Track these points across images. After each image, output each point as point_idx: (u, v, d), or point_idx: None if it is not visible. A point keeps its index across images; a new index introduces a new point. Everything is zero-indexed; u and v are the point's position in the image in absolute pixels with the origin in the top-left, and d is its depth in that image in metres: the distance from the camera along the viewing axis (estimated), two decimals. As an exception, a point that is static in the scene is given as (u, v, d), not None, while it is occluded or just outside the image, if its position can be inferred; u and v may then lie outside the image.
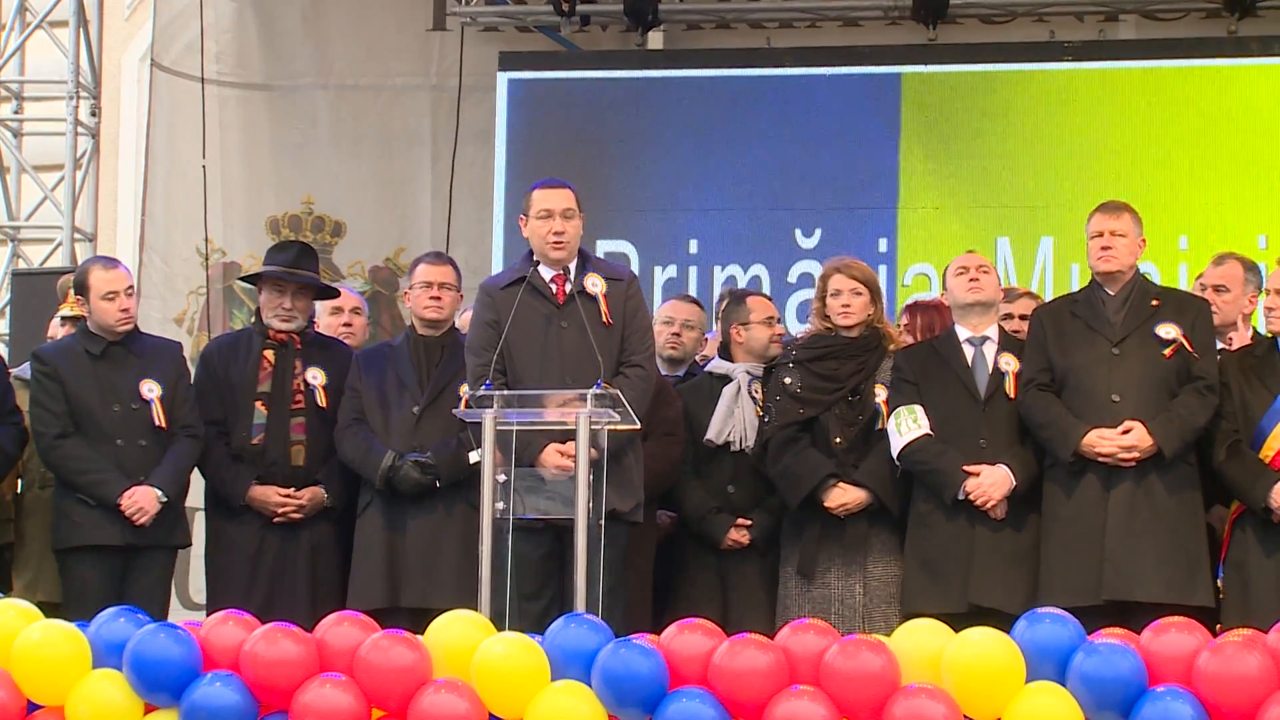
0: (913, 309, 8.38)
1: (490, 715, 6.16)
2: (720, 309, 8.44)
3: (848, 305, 7.70)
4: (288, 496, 7.94)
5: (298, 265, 8.14)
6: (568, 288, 7.33)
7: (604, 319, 7.29)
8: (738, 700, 6.04)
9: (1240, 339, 7.84)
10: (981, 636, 6.08)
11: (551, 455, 7.10)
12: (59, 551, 7.83)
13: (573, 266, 7.39)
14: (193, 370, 8.25)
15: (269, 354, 8.06)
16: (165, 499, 7.75)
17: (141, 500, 7.71)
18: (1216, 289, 7.86)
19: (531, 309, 7.30)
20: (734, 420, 7.88)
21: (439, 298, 7.96)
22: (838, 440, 7.62)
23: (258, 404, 8.01)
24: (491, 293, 7.44)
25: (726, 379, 7.96)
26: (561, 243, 7.35)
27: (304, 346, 8.10)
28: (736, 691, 6.04)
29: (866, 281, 7.76)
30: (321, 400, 7.99)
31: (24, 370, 8.29)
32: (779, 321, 8.12)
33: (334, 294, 8.68)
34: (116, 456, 7.79)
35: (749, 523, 7.81)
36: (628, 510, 7.18)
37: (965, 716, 6.01)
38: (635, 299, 7.45)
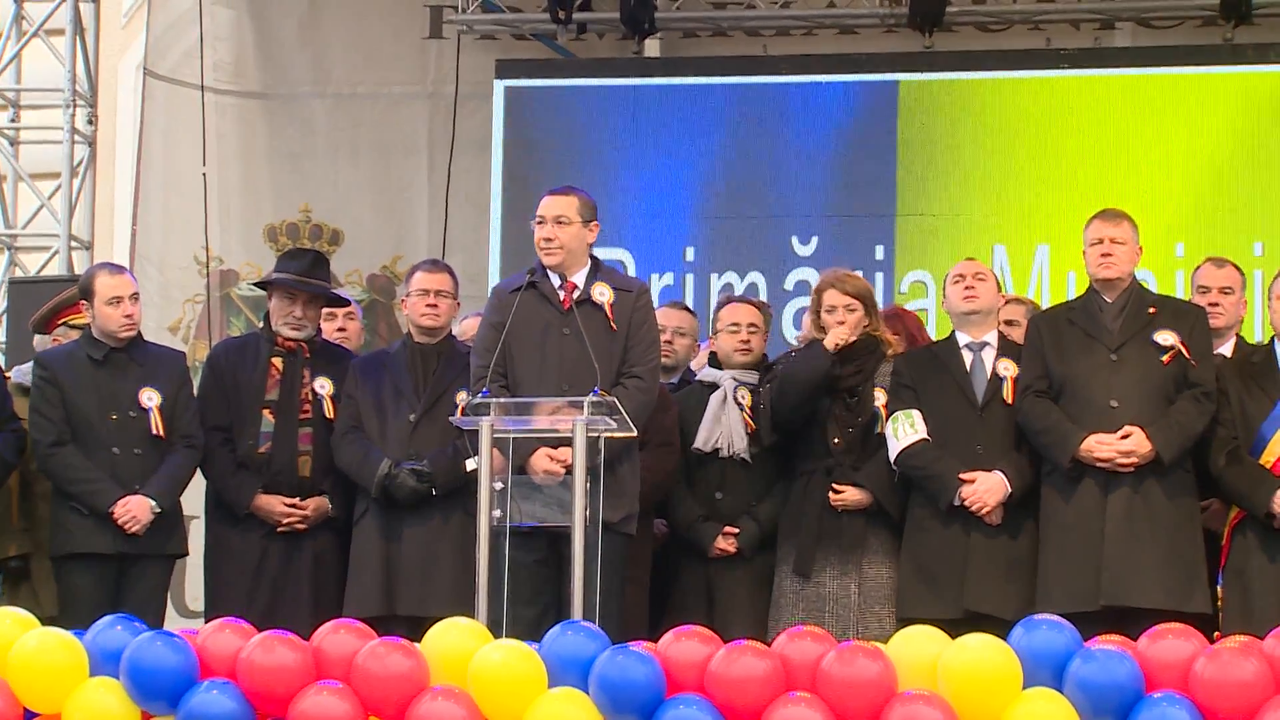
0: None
1: (487, 723, 6.19)
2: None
3: (842, 322, 7.70)
4: (293, 506, 7.93)
5: (311, 274, 8.13)
6: (575, 295, 7.34)
7: (610, 325, 7.30)
8: (734, 707, 6.03)
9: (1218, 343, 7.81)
10: (978, 643, 6.08)
11: (541, 459, 7.11)
12: (55, 559, 7.82)
13: (584, 274, 7.40)
14: (195, 378, 8.24)
15: (277, 362, 8.04)
16: (159, 509, 7.73)
17: (135, 509, 7.69)
18: (1224, 290, 7.85)
19: (534, 313, 7.31)
20: (721, 427, 7.88)
21: (435, 305, 7.94)
22: (836, 441, 7.63)
23: (265, 412, 7.99)
24: (500, 295, 7.47)
25: (715, 387, 7.97)
26: (550, 249, 7.35)
27: (312, 355, 8.08)
28: (733, 698, 6.03)
29: (860, 295, 7.76)
30: (329, 411, 7.96)
31: (19, 375, 8.29)
32: (751, 328, 8.06)
33: (344, 303, 8.68)
34: (111, 464, 7.77)
35: (736, 531, 7.81)
36: (618, 521, 7.16)
37: (962, 723, 6.04)
38: (643, 311, 7.45)
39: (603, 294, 7.35)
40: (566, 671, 6.17)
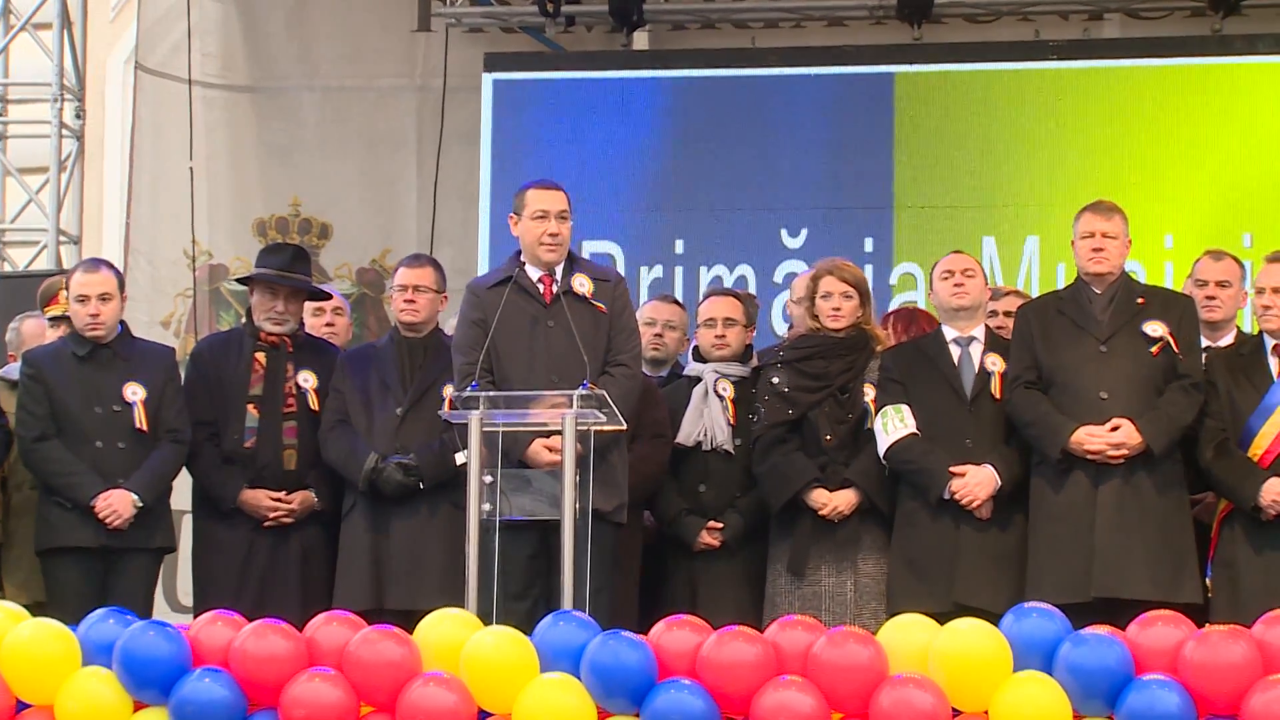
0: (894, 317, 8.38)
1: (479, 709, 6.17)
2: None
3: (838, 308, 7.70)
4: (279, 500, 7.93)
5: (291, 269, 8.13)
6: (555, 288, 7.34)
7: (597, 310, 7.31)
8: (726, 692, 6.05)
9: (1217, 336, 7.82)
10: (968, 627, 6.12)
11: (540, 450, 7.12)
12: (40, 553, 7.82)
13: (560, 267, 7.40)
14: (183, 372, 8.24)
15: (260, 356, 8.05)
16: (141, 503, 7.72)
17: (116, 504, 7.68)
18: (1221, 284, 7.83)
19: (518, 309, 7.31)
20: (703, 421, 7.88)
21: (413, 300, 7.95)
22: (828, 438, 7.63)
23: (250, 407, 7.99)
24: (478, 292, 7.45)
25: (699, 380, 7.97)
26: (555, 245, 7.36)
27: (295, 349, 8.09)
28: (725, 683, 6.05)
29: (856, 284, 7.76)
30: (313, 403, 7.97)
31: (10, 372, 8.31)
32: (727, 322, 8.03)
33: (326, 297, 8.68)
34: (95, 459, 7.76)
35: (720, 525, 7.81)
36: (610, 510, 7.18)
37: (953, 708, 6.03)
38: (622, 300, 7.47)
39: (583, 285, 7.36)
40: (559, 660, 6.19)
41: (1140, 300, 7.40)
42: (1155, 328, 7.30)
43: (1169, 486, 7.25)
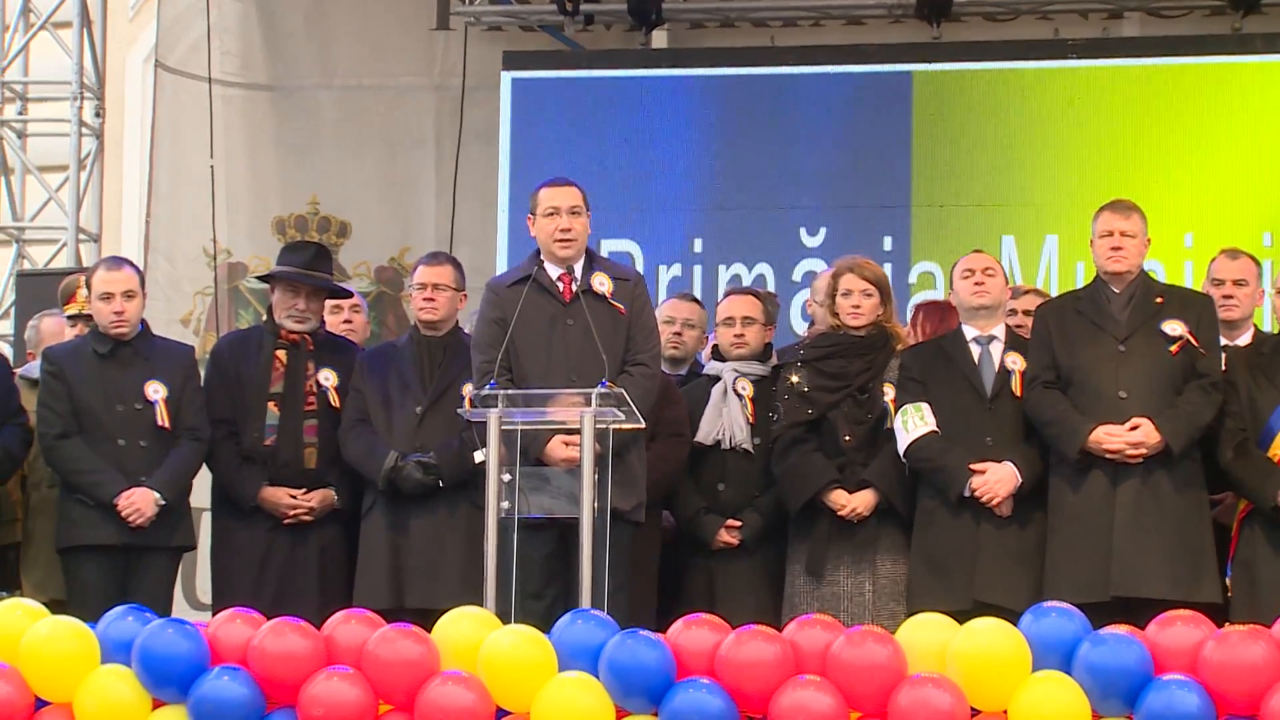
0: (923, 312, 8.38)
1: (497, 708, 6.17)
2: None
3: (858, 306, 7.70)
4: (298, 498, 7.94)
5: (313, 267, 8.15)
6: (574, 286, 7.35)
7: (616, 310, 7.31)
8: (745, 691, 6.05)
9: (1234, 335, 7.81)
10: (987, 626, 6.11)
11: (558, 448, 7.12)
12: (61, 551, 7.84)
13: (580, 265, 7.40)
14: (202, 371, 8.25)
15: (281, 354, 8.06)
16: (163, 501, 7.74)
17: (139, 502, 7.70)
18: (1237, 283, 7.81)
19: (537, 307, 7.31)
20: (722, 420, 7.88)
21: (432, 299, 7.95)
22: (847, 438, 7.62)
23: (270, 405, 8.00)
24: (497, 290, 7.45)
25: (719, 379, 7.97)
26: (568, 240, 7.36)
27: (316, 347, 8.10)
28: (743, 682, 6.05)
29: (877, 282, 7.75)
30: (334, 401, 7.97)
31: (30, 370, 8.32)
32: (746, 320, 8.04)
33: (347, 295, 8.69)
34: (117, 457, 7.78)
35: (739, 524, 7.81)
36: (629, 509, 7.18)
37: (971, 707, 6.02)
38: (641, 298, 7.48)
39: (602, 284, 7.37)
40: (577, 659, 6.19)
41: (1159, 299, 7.38)
42: (1174, 327, 7.28)
43: (1188, 486, 7.23)
